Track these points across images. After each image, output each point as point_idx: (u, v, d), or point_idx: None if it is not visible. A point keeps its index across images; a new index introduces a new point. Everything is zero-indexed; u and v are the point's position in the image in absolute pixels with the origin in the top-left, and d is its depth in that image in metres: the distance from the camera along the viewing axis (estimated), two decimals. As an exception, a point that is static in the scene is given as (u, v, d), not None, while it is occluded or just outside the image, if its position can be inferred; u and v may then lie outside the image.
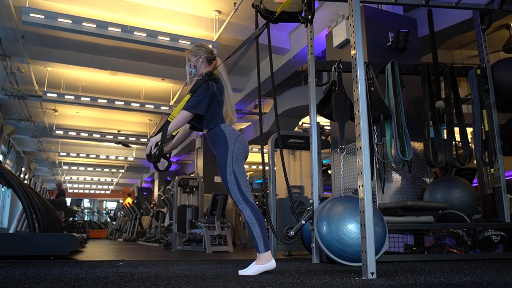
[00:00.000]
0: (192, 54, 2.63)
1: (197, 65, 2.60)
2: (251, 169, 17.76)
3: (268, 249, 2.36)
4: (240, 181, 2.40)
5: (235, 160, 2.41)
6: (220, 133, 2.47)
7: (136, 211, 12.42)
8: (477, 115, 3.71)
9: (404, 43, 4.20)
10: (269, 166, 4.54)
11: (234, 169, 2.40)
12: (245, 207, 2.38)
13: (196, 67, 2.60)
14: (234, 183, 2.39)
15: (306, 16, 3.62)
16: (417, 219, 3.36)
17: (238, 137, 2.48)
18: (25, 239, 3.65)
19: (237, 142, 2.45)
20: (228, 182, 2.40)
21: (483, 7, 3.87)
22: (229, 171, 2.39)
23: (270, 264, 2.35)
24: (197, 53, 2.62)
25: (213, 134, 2.50)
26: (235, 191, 2.39)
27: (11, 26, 6.63)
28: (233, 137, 2.46)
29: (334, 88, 3.52)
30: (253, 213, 2.37)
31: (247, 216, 2.37)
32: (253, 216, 2.36)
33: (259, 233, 2.35)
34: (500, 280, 1.88)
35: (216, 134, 2.48)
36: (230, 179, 2.39)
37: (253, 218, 2.36)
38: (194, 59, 2.62)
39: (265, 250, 2.35)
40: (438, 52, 3.90)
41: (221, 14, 6.56)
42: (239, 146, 2.45)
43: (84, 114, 11.75)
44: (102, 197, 27.15)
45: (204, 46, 2.66)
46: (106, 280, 1.98)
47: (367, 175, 2.26)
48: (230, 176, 2.39)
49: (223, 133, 2.46)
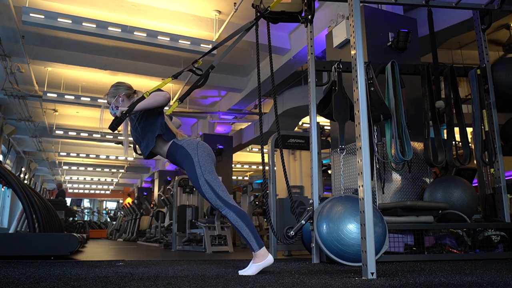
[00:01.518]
0: (110, 96, 2.56)
1: (118, 105, 2.52)
2: (251, 169, 17.77)
3: (262, 246, 2.35)
4: (215, 187, 2.39)
5: (204, 169, 2.40)
6: (178, 148, 2.45)
7: (136, 211, 12.42)
8: (477, 115, 3.71)
9: (404, 43, 4.20)
10: (269, 166, 4.54)
11: (206, 178, 2.39)
12: (228, 211, 2.37)
13: (117, 108, 2.50)
14: (210, 192, 2.38)
15: (306, 16, 3.62)
16: (417, 219, 3.36)
17: (198, 145, 2.46)
18: (25, 239, 3.65)
19: (199, 150, 2.43)
20: (205, 192, 2.39)
21: (483, 7, 3.87)
22: (202, 182, 2.39)
23: (268, 260, 2.34)
24: (114, 93, 2.55)
25: (171, 152, 2.48)
26: (214, 199, 2.38)
27: (11, 26, 6.63)
28: (193, 146, 2.44)
29: (334, 88, 3.52)
30: (238, 215, 2.36)
31: (232, 219, 2.36)
32: (238, 218, 2.35)
33: (248, 233, 2.35)
34: (500, 280, 1.88)
35: (175, 151, 2.46)
36: (205, 189, 2.38)
37: (239, 220, 2.35)
38: (114, 100, 2.54)
39: (259, 247, 2.34)
40: (438, 52, 3.90)
41: (221, 14, 6.56)
42: (202, 154, 2.43)
43: (84, 114, 11.75)
44: (102, 197, 27.14)
45: (120, 85, 2.59)
46: (106, 280, 1.98)
47: (367, 175, 2.26)
48: (204, 186, 2.38)
49: (181, 147, 2.44)
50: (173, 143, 2.47)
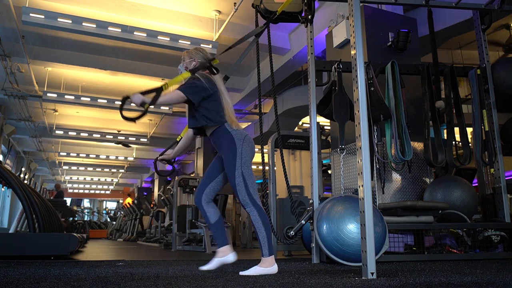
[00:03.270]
0: (188, 55, 2.61)
1: (189, 67, 2.56)
2: (251, 169, 17.74)
3: (272, 254, 2.36)
4: (249, 183, 2.37)
5: (243, 162, 2.38)
6: (226, 133, 2.42)
7: (136, 211, 12.42)
8: (477, 115, 3.71)
9: (404, 43, 4.20)
10: (269, 166, 4.54)
11: (243, 171, 2.37)
12: (253, 209, 2.36)
13: (187, 69, 2.56)
14: (242, 186, 2.36)
15: (306, 16, 3.62)
16: (417, 219, 3.36)
17: (246, 138, 2.44)
18: (25, 239, 3.65)
19: (244, 143, 2.41)
20: (236, 184, 2.36)
21: (483, 7, 3.87)
22: (238, 173, 2.36)
23: (272, 269, 2.34)
24: (193, 56, 2.59)
25: (218, 135, 2.45)
26: (243, 194, 2.36)
27: (11, 26, 6.63)
28: (241, 137, 2.42)
29: (334, 88, 3.52)
30: (260, 217, 2.35)
31: (254, 219, 2.35)
32: (260, 219, 2.35)
33: (264, 237, 2.34)
34: (500, 280, 1.88)
35: (223, 135, 2.43)
36: (238, 181, 2.36)
37: (260, 221, 2.35)
38: (188, 61, 2.59)
39: (269, 255, 2.34)
40: (438, 52, 3.90)
41: (221, 14, 6.56)
42: (246, 147, 2.41)
43: (84, 114, 11.75)
44: (102, 197, 27.13)
45: (202, 52, 2.62)
46: (106, 280, 1.98)
47: (367, 175, 2.26)
48: (239, 178, 2.36)
49: (230, 134, 2.41)
50: (223, 126, 2.43)
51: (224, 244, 2.43)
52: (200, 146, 10.91)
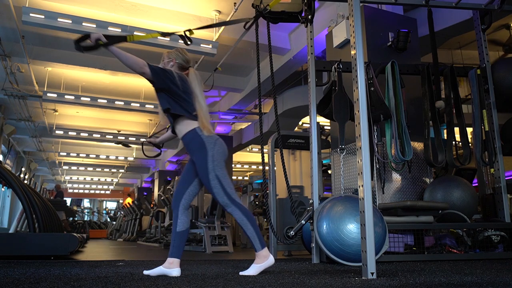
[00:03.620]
0: (167, 55, 2.61)
1: (166, 67, 2.55)
2: (251, 169, 17.77)
3: (264, 246, 2.36)
4: (225, 184, 2.36)
5: (216, 164, 2.36)
6: (196, 137, 2.39)
7: (136, 211, 12.42)
8: (477, 115, 3.71)
9: (404, 43, 4.20)
10: (269, 166, 4.54)
11: (217, 173, 2.35)
12: (234, 209, 2.35)
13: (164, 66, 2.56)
14: (219, 188, 2.35)
15: (306, 16, 3.62)
16: (417, 219, 3.36)
17: (217, 141, 2.41)
18: (25, 239, 3.65)
19: (216, 145, 2.39)
20: (213, 187, 2.35)
21: (483, 7, 3.87)
22: (212, 177, 2.35)
23: (269, 261, 2.35)
24: (172, 56, 2.59)
25: (189, 138, 2.41)
26: (221, 196, 2.36)
27: (11, 26, 6.63)
28: (211, 141, 2.39)
29: (334, 88, 3.52)
30: (243, 214, 2.35)
31: (238, 218, 2.35)
32: (243, 216, 2.35)
33: (253, 232, 2.34)
34: (500, 280, 1.88)
35: (193, 140, 2.40)
36: (214, 184, 2.35)
37: (244, 218, 2.35)
38: (167, 61, 2.59)
39: (262, 248, 2.35)
40: (438, 52, 3.90)
41: (221, 14, 6.56)
42: (218, 149, 2.39)
43: (84, 114, 11.75)
44: (102, 197, 27.14)
45: (182, 53, 2.62)
46: (106, 280, 1.98)
47: (367, 175, 2.26)
48: (214, 181, 2.35)
49: (200, 138, 2.38)
50: (193, 131, 2.40)
51: (176, 257, 2.37)
52: (200, 146, 10.92)
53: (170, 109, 2.41)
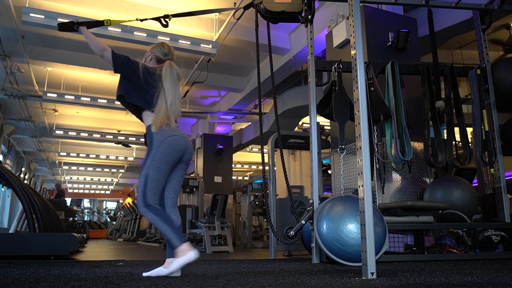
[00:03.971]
0: (150, 50, 2.66)
1: (146, 61, 2.60)
2: (251, 169, 17.76)
3: (183, 241, 2.25)
4: (149, 186, 2.29)
5: (153, 164, 2.30)
6: (148, 134, 2.38)
7: (136, 211, 12.42)
8: (477, 115, 3.71)
9: (404, 43, 4.20)
10: (269, 166, 4.54)
11: (148, 172, 2.30)
12: (146, 211, 2.29)
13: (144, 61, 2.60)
14: (142, 186, 2.30)
15: (306, 16, 3.62)
16: (417, 219, 3.36)
17: (166, 139, 2.34)
18: (25, 239, 3.65)
19: (162, 144, 2.32)
20: (139, 183, 2.33)
21: (483, 7, 3.87)
22: (143, 173, 2.31)
23: (190, 255, 2.20)
24: (152, 50, 2.63)
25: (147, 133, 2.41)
26: (139, 194, 2.30)
27: (11, 26, 6.63)
28: (160, 139, 2.32)
29: (334, 88, 3.52)
30: (155, 214, 2.28)
31: (151, 218, 2.30)
32: (155, 217, 2.28)
33: (167, 230, 2.25)
34: (500, 280, 1.88)
35: (147, 135, 2.40)
36: (141, 181, 2.31)
37: (156, 218, 2.28)
38: (148, 55, 2.64)
39: (181, 243, 2.23)
40: (438, 52, 3.90)
41: (221, 14, 6.56)
42: (163, 150, 2.32)
43: (84, 114, 11.75)
44: (102, 197, 27.13)
45: (161, 46, 2.62)
46: (106, 280, 1.98)
47: (367, 175, 2.26)
48: (142, 178, 2.31)
49: (150, 134, 2.36)
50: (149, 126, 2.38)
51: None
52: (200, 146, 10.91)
53: (124, 96, 2.41)
